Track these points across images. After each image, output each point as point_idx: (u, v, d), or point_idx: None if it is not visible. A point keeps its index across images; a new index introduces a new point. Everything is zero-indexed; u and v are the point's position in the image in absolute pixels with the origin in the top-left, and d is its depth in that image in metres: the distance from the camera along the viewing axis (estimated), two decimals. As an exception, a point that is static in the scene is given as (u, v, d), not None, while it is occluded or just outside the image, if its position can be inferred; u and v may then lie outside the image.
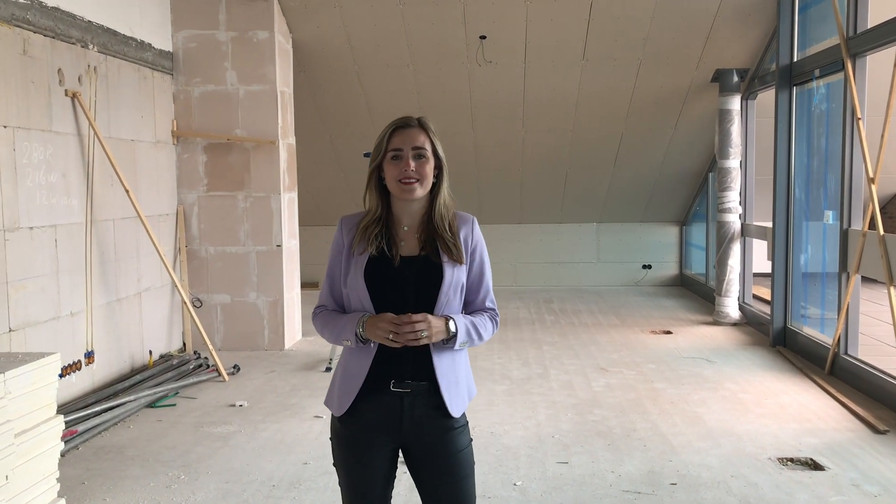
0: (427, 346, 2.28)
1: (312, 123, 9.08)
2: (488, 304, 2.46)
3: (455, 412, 2.34)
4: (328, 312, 2.43)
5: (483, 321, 2.41)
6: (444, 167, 2.39)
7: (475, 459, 2.43)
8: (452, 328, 2.28)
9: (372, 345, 2.29)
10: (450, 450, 2.34)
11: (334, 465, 2.44)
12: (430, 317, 2.24)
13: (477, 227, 2.45)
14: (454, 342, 2.29)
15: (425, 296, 2.31)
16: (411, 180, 2.30)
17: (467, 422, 2.43)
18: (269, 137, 7.29)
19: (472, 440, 2.43)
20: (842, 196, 6.11)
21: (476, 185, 10.36)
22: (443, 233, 2.36)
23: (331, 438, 2.43)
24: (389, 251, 2.33)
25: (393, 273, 2.32)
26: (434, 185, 2.38)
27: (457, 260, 2.35)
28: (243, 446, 4.84)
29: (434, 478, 2.36)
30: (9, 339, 4.90)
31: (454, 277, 2.34)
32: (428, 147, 2.34)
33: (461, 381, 2.40)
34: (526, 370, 6.61)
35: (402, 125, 2.34)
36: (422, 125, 2.35)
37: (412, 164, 2.30)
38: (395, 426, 2.32)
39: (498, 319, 2.48)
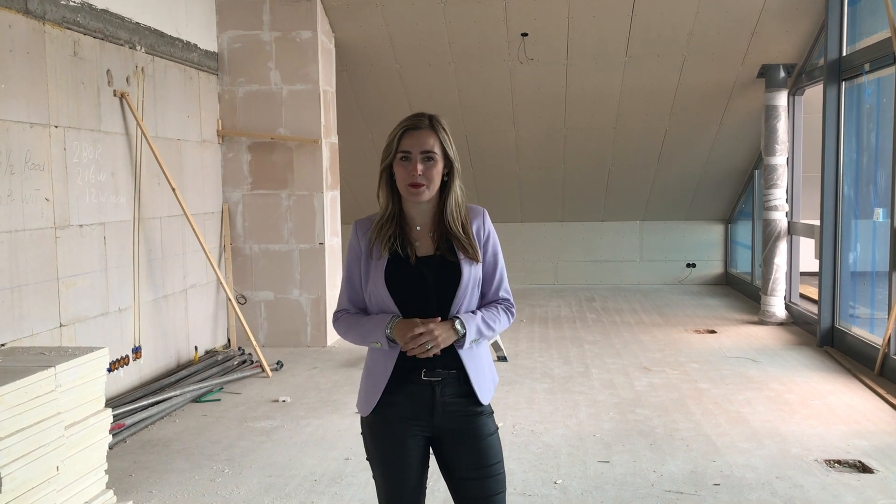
0: None
1: (355, 122, 9.14)
2: (502, 294, 2.49)
3: (484, 399, 2.40)
4: (351, 315, 2.46)
5: (496, 314, 2.44)
6: (455, 167, 2.39)
7: (517, 456, 2.44)
8: (460, 328, 2.32)
9: (391, 344, 2.35)
10: (479, 434, 2.39)
11: (367, 459, 2.48)
12: (434, 327, 2.28)
13: (488, 218, 2.48)
14: (463, 342, 2.34)
15: (445, 294, 2.35)
16: (419, 184, 2.32)
17: (493, 410, 2.47)
18: (311, 136, 7.35)
19: (497, 429, 2.46)
20: (892, 193, 5.97)
21: (517, 183, 10.33)
22: (457, 233, 2.38)
23: (362, 433, 2.47)
24: (405, 251, 2.37)
25: (411, 273, 2.35)
26: (445, 183, 2.38)
27: (473, 258, 2.38)
28: (286, 441, 4.90)
29: (465, 464, 2.38)
30: (59, 333, 5.02)
31: (471, 274, 2.38)
32: (437, 150, 2.33)
33: (486, 368, 2.45)
34: (567, 368, 6.58)
35: (411, 126, 2.34)
36: (432, 126, 2.34)
37: (420, 167, 2.31)
38: (428, 415, 2.37)
39: (513, 310, 2.50)
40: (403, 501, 2.43)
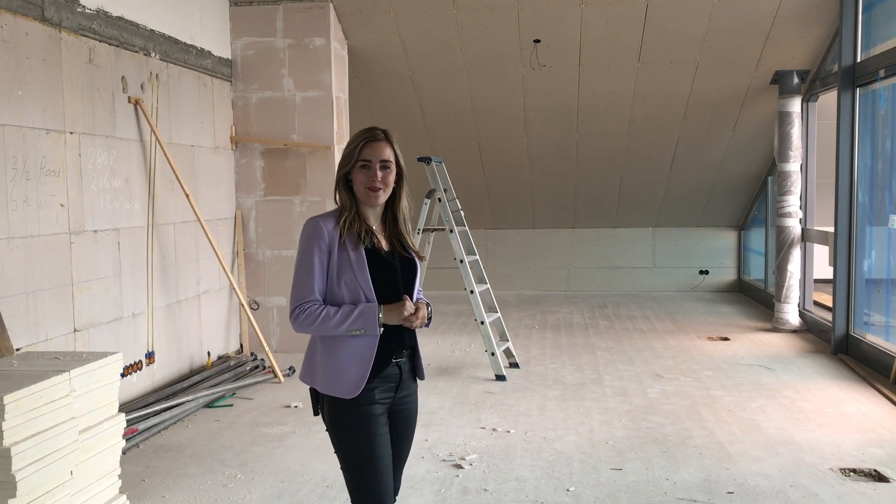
0: None
1: (367, 128, 9.14)
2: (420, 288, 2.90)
3: (422, 377, 2.85)
4: (321, 306, 2.68)
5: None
6: (405, 174, 2.75)
7: (529, 463, 2.49)
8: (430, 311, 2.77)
9: (380, 329, 2.64)
10: (416, 403, 2.84)
11: (342, 450, 2.71)
12: (420, 306, 2.69)
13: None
14: (429, 322, 2.75)
15: (408, 284, 2.74)
16: (377, 189, 2.66)
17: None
18: (324, 142, 7.38)
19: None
20: (908, 200, 5.94)
21: (529, 190, 10.32)
22: (406, 234, 2.77)
23: (335, 424, 2.67)
24: (372, 246, 2.69)
25: (386, 265, 2.70)
26: (394, 189, 2.73)
27: (419, 256, 2.81)
28: (298, 447, 4.90)
29: (406, 428, 2.79)
30: (73, 338, 5.05)
31: (421, 268, 2.82)
32: (392, 159, 2.68)
33: None
34: (579, 375, 6.56)
35: (371, 139, 2.67)
36: (387, 138, 2.69)
37: (379, 174, 2.65)
38: (394, 391, 2.72)
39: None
40: (390, 480, 2.68)
